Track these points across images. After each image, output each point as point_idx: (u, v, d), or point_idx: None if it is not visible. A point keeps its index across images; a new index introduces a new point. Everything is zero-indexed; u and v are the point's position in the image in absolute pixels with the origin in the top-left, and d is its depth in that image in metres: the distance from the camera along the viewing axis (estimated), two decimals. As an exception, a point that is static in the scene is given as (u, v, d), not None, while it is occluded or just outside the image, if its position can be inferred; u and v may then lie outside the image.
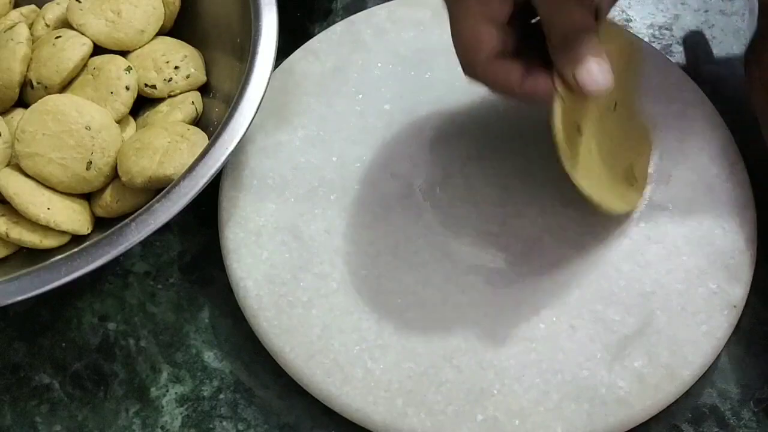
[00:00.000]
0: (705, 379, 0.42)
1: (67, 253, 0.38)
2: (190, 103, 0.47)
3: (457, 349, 0.42)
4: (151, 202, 0.39)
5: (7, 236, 0.42)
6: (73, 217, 0.43)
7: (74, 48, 0.45)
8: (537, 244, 0.45)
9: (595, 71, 0.36)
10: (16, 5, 0.51)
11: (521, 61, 0.38)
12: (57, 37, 0.46)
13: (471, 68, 0.38)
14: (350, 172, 0.47)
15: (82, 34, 0.46)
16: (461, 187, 0.47)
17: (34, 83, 0.45)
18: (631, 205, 0.45)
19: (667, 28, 0.55)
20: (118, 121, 0.45)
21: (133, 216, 0.39)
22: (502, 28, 0.38)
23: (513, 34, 0.38)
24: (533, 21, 0.40)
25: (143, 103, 0.48)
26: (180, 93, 0.47)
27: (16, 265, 0.42)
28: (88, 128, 0.43)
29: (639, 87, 0.46)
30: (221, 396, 0.44)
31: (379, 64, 0.51)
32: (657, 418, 0.41)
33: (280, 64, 0.51)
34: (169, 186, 0.40)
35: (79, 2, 0.47)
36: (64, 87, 0.46)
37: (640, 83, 0.46)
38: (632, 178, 0.45)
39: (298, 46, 0.52)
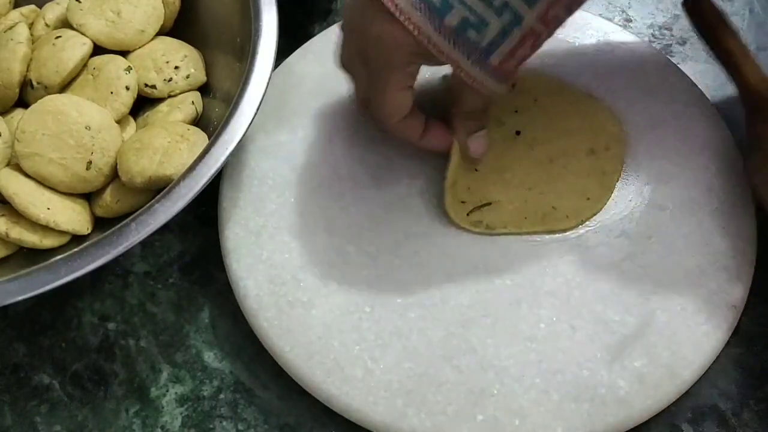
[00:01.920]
0: (705, 379, 0.42)
1: (67, 253, 0.38)
2: (190, 103, 0.47)
3: (457, 349, 0.42)
4: (151, 202, 0.39)
5: (7, 236, 0.42)
6: (73, 217, 0.43)
7: (74, 48, 0.45)
8: (537, 244, 0.45)
9: (480, 145, 0.45)
10: (16, 5, 0.51)
11: (421, 114, 0.45)
12: (57, 37, 0.46)
13: (385, 126, 0.44)
14: (350, 172, 0.47)
15: (82, 34, 0.46)
16: (461, 187, 0.47)
17: (34, 83, 0.45)
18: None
19: (667, 28, 0.55)
20: (118, 121, 0.45)
21: (133, 216, 0.39)
22: (412, 92, 0.43)
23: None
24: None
25: (143, 103, 0.48)
26: (180, 93, 0.47)
27: (16, 265, 0.42)
28: (88, 128, 0.43)
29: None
30: (221, 396, 0.44)
31: (379, 64, 0.51)
32: (657, 418, 0.41)
33: (280, 64, 0.51)
34: (169, 186, 0.40)
35: (79, 2, 0.47)
36: (64, 87, 0.46)
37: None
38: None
39: (298, 46, 0.52)
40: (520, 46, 0.41)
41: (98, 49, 0.47)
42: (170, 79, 0.47)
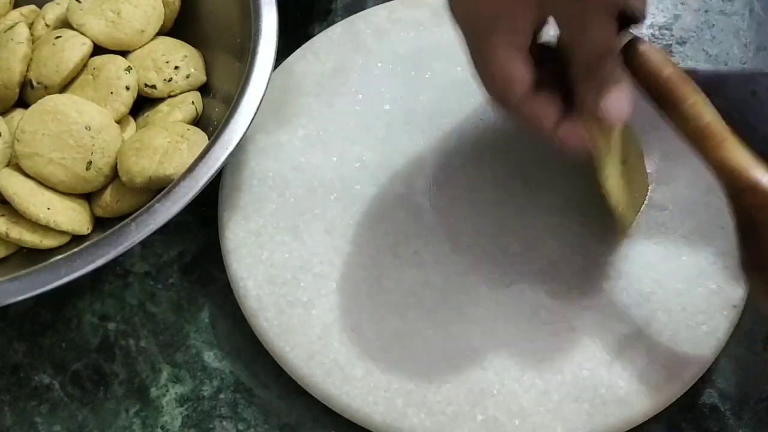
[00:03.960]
0: (705, 379, 0.42)
1: (67, 253, 0.38)
2: (190, 103, 0.47)
3: (457, 349, 0.42)
4: (151, 202, 0.39)
5: (7, 236, 0.42)
6: (73, 217, 0.43)
7: (74, 48, 0.45)
8: (537, 244, 0.45)
9: (619, 101, 0.35)
10: (16, 5, 0.51)
11: (555, 95, 0.36)
12: (57, 37, 0.46)
13: (505, 104, 0.36)
14: (350, 172, 0.47)
15: (82, 34, 0.46)
16: (461, 187, 0.47)
17: (34, 83, 0.45)
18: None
19: (667, 28, 0.55)
20: (118, 121, 0.45)
21: (133, 216, 0.39)
22: (530, 58, 0.35)
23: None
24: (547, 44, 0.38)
25: (143, 103, 0.48)
26: (180, 93, 0.47)
27: (16, 265, 0.42)
28: (88, 128, 0.43)
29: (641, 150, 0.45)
30: (221, 396, 0.44)
31: (379, 64, 0.51)
32: (657, 418, 0.41)
33: (280, 64, 0.51)
34: (169, 186, 0.40)
35: (79, 2, 0.47)
36: (64, 87, 0.46)
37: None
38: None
39: (298, 46, 0.52)
40: None
41: (98, 49, 0.47)
42: (170, 79, 0.47)
